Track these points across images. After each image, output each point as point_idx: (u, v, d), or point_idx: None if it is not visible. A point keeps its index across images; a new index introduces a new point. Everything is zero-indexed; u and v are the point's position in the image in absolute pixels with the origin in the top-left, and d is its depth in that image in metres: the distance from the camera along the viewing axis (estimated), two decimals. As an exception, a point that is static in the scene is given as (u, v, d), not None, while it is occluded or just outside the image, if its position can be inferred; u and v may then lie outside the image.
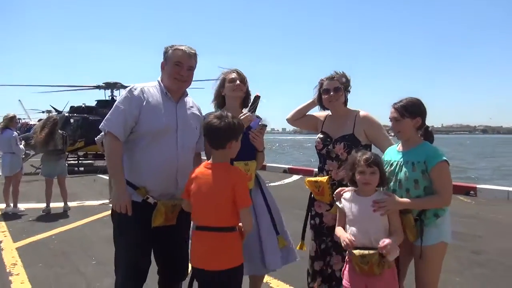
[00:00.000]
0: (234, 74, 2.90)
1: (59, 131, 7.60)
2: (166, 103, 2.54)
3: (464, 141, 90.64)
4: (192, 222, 2.47)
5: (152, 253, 2.60)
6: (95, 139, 6.62)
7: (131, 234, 2.45)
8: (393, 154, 2.62)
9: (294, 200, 3.02)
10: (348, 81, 2.94)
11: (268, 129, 2.86)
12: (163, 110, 2.51)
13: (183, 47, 2.54)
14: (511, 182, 16.67)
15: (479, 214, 7.07)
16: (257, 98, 2.92)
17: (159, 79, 2.63)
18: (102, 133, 2.54)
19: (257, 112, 2.87)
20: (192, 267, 2.33)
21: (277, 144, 69.93)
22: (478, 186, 9.32)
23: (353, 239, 2.35)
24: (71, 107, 16.98)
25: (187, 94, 2.70)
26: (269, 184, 10.43)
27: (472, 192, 9.07)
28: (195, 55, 2.58)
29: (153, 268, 2.63)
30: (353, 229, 2.39)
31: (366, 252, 2.27)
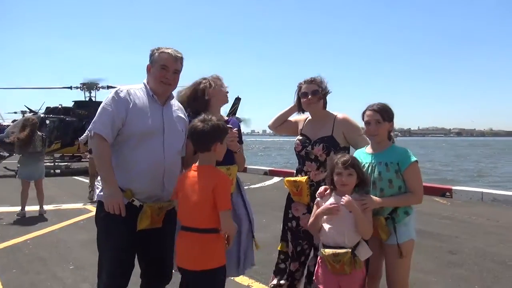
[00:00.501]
0: (222, 81, 2.95)
1: (39, 132, 7.42)
2: (153, 106, 2.54)
3: (440, 144, 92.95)
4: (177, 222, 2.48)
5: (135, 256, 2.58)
6: (79, 139, 6.47)
7: (116, 237, 2.42)
8: (363, 156, 2.69)
9: (275, 202, 3.03)
10: (325, 86, 2.99)
11: (248, 130, 2.88)
12: (150, 113, 2.51)
13: (169, 50, 2.54)
14: (484, 183, 17.23)
15: (455, 215, 7.25)
16: (237, 100, 2.95)
17: (145, 81, 2.63)
18: (85, 134, 2.51)
19: (238, 114, 2.88)
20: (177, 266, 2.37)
21: (257, 146, 70.06)
22: (453, 187, 9.55)
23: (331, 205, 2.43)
24: (47, 108, 16.60)
25: (173, 97, 2.72)
26: (250, 186, 10.51)
27: (447, 193, 9.28)
28: (181, 58, 2.59)
29: (135, 271, 2.59)
30: (329, 227, 2.45)
31: (339, 251, 2.36)
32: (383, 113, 2.59)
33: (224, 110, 3.28)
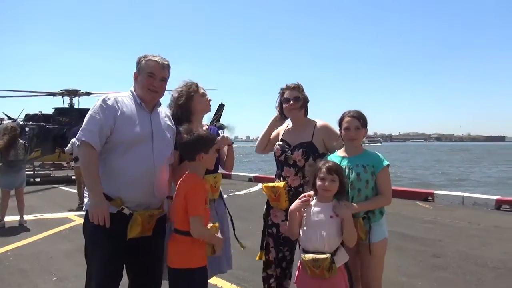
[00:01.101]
0: (203, 89, 3.03)
1: (21, 140, 7.23)
2: (140, 113, 2.53)
3: (420, 149, 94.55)
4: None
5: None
6: (65, 149, 6.28)
7: (104, 247, 2.38)
8: (336, 160, 2.77)
9: (261, 209, 3.03)
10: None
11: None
12: (138, 120, 2.50)
13: (156, 58, 2.54)
14: (465, 188, 17.60)
15: (437, 219, 7.38)
16: (221, 106, 3.04)
17: (132, 89, 2.61)
18: (70, 143, 2.49)
19: (222, 120, 2.95)
20: None
21: (240, 153, 69.91)
22: (435, 192, 9.73)
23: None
24: (27, 115, 16.19)
25: (161, 104, 2.71)
26: (235, 193, 10.48)
27: (430, 197, 9.46)
28: (168, 66, 2.59)
29: (122, 281, 2.54)
30: (309, 232, 2.49)
31: (318, 256, 2.40)
32: (361, 120, 2.74)
33: (208, 117, 3.35)
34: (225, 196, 3.11)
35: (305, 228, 2.52)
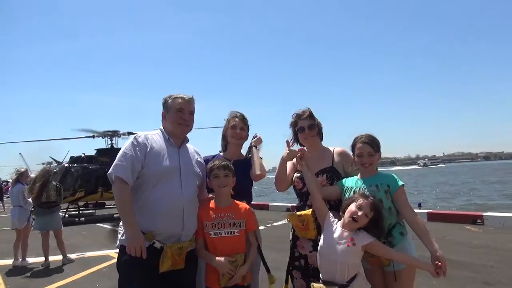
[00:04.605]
0: (237, 120, 3.16)
1: (53, 182, 7.53)
2: (169, 148, 2.66)
3: (482, 170, 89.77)
4: None
5: None
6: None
7: (137, 282, 2.41)
8: (353, 182, 2.75)
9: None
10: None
11: (270, 167, 3.23)
12: (167, 154, 2.61)
13: (181, 95, 2.72)
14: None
15: (488, 242, 6.92)
16: (254, 137, 3.12)
17: (161, 127, 2.77)
18: None
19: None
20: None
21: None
22: (484, 214, 9.18)
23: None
24: (71, 158, 17.00)
25: (188, 140, 2.84)
26: (273, 224, 10.36)
27: (479, 220, 8.93)
28: (193, 100, 2.76)
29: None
30: (324, 257, 2.45)
31: (323, 287, 2.34)
32: (373, 145, 2.69)
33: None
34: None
35: (321, 250, 2.49)
